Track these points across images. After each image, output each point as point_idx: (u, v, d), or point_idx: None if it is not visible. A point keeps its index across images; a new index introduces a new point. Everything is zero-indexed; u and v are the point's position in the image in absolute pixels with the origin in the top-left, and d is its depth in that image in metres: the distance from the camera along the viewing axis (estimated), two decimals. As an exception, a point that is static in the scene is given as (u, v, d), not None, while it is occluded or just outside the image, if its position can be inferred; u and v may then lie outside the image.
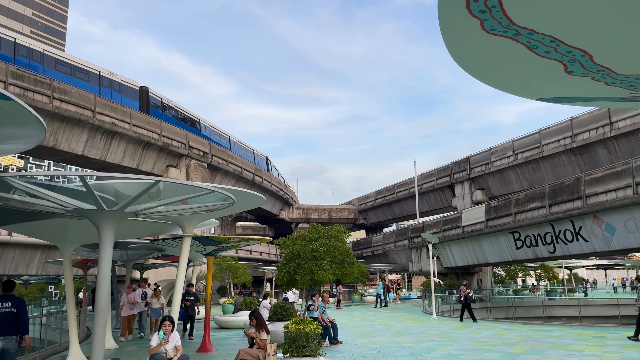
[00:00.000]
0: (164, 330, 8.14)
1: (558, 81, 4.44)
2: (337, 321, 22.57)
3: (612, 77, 4.13)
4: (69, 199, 6.21)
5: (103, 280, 6.59)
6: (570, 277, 52.04)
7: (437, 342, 14.58)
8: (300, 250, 11.57)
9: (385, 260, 45.97)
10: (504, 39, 3.76)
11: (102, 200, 6.29)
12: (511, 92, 5.00)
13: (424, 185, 47.87)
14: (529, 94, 5.08)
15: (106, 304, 6.62)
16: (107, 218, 6.59)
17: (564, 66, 4.06)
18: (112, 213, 6.51)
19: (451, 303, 26.83)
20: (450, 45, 3.94)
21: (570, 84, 4.49)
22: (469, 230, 31.61)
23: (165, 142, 36.20)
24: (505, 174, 37.55)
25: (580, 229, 23.31)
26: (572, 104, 5.33)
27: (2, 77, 26.04)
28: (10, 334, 7.69)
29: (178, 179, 36.47)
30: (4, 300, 7.83)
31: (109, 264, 6.84)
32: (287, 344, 8.81)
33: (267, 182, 50.34)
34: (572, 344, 13.78)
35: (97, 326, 6.49)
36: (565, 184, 24.46)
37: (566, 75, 4.23)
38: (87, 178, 5.74)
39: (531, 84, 4.65)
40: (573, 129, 30.92)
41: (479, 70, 4.42)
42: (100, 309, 6.53)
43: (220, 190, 6.65)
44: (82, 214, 6.63)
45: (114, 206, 6.41)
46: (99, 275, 6.61)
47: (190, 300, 15.92)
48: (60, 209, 6.41)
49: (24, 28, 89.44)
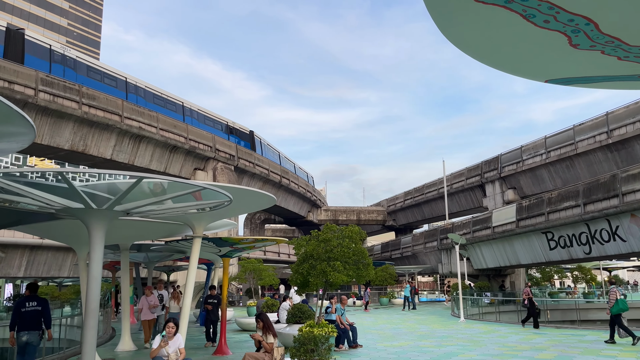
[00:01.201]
0: (167, 332, 7.94)
1: (565, 57, 3.97)
2: (362, 324, 22.22)
3: (624, 49, 3.65)
4: (54, 197, 6.06)
5: (93, 281, 6.41)
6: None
7: (461, 346, 13.99)
8: (314, 251, 11.24)
9: (415, 262, 45.14)
10: (496, 8, 3.34)
11: (93, 198, 6.12)
12: (514, 72, 4.55)
13: (454, 186, 46.84)
14: (536, 75, 4.62)
15: (96, 306, 6.44)
16: (96, 217, 6.42)
17: (568, 38, 3.61)
18: (101, 212, 6.33)
19: (481, 306, 26.00)
20: (438, 18, 3.54)
21: (579, 60, 4.01)
22: (499, 231, 30.63)
23: (191, 145, 36.48)
24: (538, 173, 36.30)
25: (617, 228, 22.22)
26: (586, 86, 4.83)
27: (32, 84, 26.69)
28: (34, 329, 9.22)
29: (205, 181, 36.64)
30: (30, 300, 9.40)
31: (100, 264, 6.67)
32: (295, 348, 8.48)
33: (294, 184, 50.23)
34: (605, 349, 12.98)
35: (87, 329, 6.30)
36: (601, 182, 23.37)
37: (572, 49, 3.77)
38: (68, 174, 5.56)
39: (535, 61, 4.19)
40: (609, 124, 29.60)
41: (474, 47, 4.00)
42: (89, 311, 6.34)
43: (214, 188, 6.38)
44: (71, 212, 6.48)
45: (104, 204, 6.22)
46: (89, 277, 6.45)
47: (212, 304, 14.78)
48: (48, 208, 6.28)
49: (60, 38, 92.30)
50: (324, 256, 11.13)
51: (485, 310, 25.69)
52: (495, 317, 24.30)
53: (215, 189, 6.31)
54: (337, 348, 13.34)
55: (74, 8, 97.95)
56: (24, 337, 9.13)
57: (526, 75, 4.64)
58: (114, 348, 14.34)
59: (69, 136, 28.97)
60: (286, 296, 18.53)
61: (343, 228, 12.07)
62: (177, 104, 38.38)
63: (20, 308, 9.32)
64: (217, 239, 12.59)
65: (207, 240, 12.50)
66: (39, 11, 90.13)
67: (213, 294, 15.26)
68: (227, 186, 7.64)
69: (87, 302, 6.43)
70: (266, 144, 48.78)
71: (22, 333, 9.14)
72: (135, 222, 10.52)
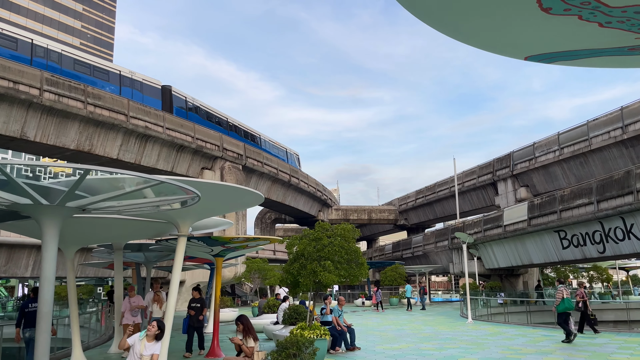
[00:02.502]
0: (147, 331, 7.50)
1: (539, 26, 3.47)
2: (367, 325, 21.71)
3: (605, 12, 3.14)
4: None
5: (45, 282, 6.04)
6: (628, 278, 48.66)
7: (464, 349, 13.42)
8: (304, 250, 10.80)
9: (426, 262, 44.45)
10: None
11: (47, 194, 5.75)
12: (488, 47, 4.05)
13: (466, 184, 46.01)
14: (513, 50, 4.11)
15: (49, 308, 6.07)
16: (46, 214, 6.03)
17: (537, 0, 3.11)
18: (51, 208, 5.94)
19: (490, 306, 25.29)
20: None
21: (556, 29, 3.51)
22: (511, 230, 29.87)
23: (199, 144, 36.27)
24: (551, 170, 35.38)
25: (632, 226, 21.39)
26: (570, 63, 4.30)
27: (37, 83, 26.66)
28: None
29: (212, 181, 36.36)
30: (33, 301, 10.48)
31: (53, 265, 6.29)
32: (277, 352, 8.04)
33: (303, 183, 49.82)
34: (615, 352, 12.32)
35: (40, 332, 5.92)
36: (615, 178, 22.54)
37: (545, 15, 3.27)
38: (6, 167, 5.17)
39: (506, 33, 3.69)
40: (624, 119, 28.65)
41: (433, 15, 3.52)
42: (42, 314, 5.96)
43: (176, 183, 5.92)
44: (20, 209, 6.10)
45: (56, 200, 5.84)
46: (41, 277, 6.09)
47: (195, 309, 12.74)
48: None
49: (74, 40, 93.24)
50: (315, 255, 10.68)
51: (494, 311, 24.97)
52: (504, 318, 23.58)
53: (178, 184, 5.89)
54: (334, 351, 12.89)
55: (87, 10, 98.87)
56: (27, 333, 10.42)
57: (503, 52, 4.14)
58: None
59: (74, 136, 28.92)
60: (286, 297, 18.04)
61: (336, 226, 11.61)
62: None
63: (24, 308, 10.64)
64: (207, 238, 12.21)
65: (196, 239, 12.13)
66: (53, 14, 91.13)
67: (196, 296, 13.14)
68: (197, 181, 7.21)
69: (40, 305, 6.06)
70: (199, 104, 39.03)
71: (27, 330, 10.44)
72: (118, 220, 10.19)
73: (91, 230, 10.90)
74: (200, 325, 12.95)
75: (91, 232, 10.99)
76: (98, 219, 9.80)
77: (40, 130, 27.08)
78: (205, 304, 13.09)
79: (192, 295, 13.28)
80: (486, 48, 4.18)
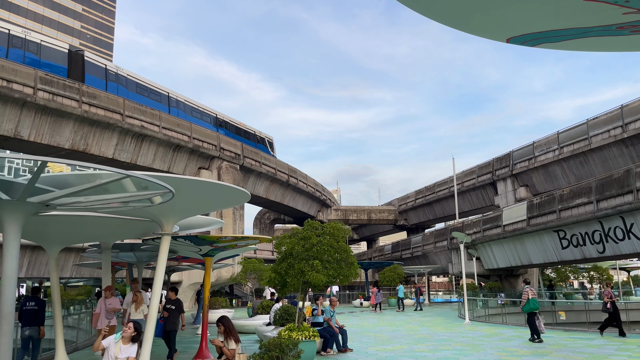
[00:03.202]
0: (122, 333, 7.23)
1: (518, 0, 3.18)
2: (362, 326, 21.42)
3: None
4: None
5: (6, 281, 5.76)
6: (629, 279, 48.28)
7: (458, 350, 13.12)
8: (293, 250, 10.50)
9: (425, 262, 44.12)
10: None
11: (9, 188, 5.47)
12: (461, 26, 3.75)
13: (465, 184, 45.68)
14: (492, 30, 3.81)
15: (11, 309, 5.78)
16: (6, 209, 5.73)
17: None
18: (11, 203, 5.66)
19: (488, 307, 24.96)
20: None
21: (537, 3, 3.22)
22: (510, 230, 29.55)
23: (195, 144, 36.01)
24: (551, 169, 35.05)
25: (632, 226, 21.07)
26: (556, 46, 4.00)
27: (31, 82, 26.41)
28: (34, 325, 11.19)
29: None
30: (30, 300, 11.51)
31: (14, 263, 6.01)
32: (260, 355, 7.76)
33: (302, 183, 49.53)
34: (613, 354, 12.00)
35: (2, 335, 5.63)
36: (614, 177, 22.21)
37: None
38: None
39: (486, 11, 3.39)
40: (624, 118, 28.32)
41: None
42: (4, 315, 5.67)
43: (146, 178, 5.64)
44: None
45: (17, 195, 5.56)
46: (2, 276, 5.80)
47: (170, 310, 11.73)
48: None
49: (74, 40, 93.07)
50: (303, 255, 10.39)
51: (492, 312, 24.64)
52: (502, 319, 23.25)
53: (146, 178, 5.61)
54: (325, 352, 12.59)
55: (87, 11, 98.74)
56: (27, 331, 11.07)
57: (480, 32, 3.84)
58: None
59: (69, 135, 28.66)
60: (279, 297, 17.73)
61: (325, 225, 11.31)
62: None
63: (22, 307, 11.24)
64: (193, 237, 11.92)
65: (183, 238, 11.85)
66: (53, 14, 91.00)
67: (172, 297, 12.20)
68: (170, 177, 6.91)
69: (2, 305, 5.76)
70: (126, 74, 34.34)
71: (25, 328, 11.06)
72: (99, 219, 9.93)
73: (72, 229, 10.63)
74: (174, 329, 11.82)
75: (72, 231, 10.70)
76: (79, 218, 9.53)
77: (34, 130, 26.83)
78: (182, 306, 12.14)
79: (168, 296, 12.50)
80: (467, 29, 3.89)
